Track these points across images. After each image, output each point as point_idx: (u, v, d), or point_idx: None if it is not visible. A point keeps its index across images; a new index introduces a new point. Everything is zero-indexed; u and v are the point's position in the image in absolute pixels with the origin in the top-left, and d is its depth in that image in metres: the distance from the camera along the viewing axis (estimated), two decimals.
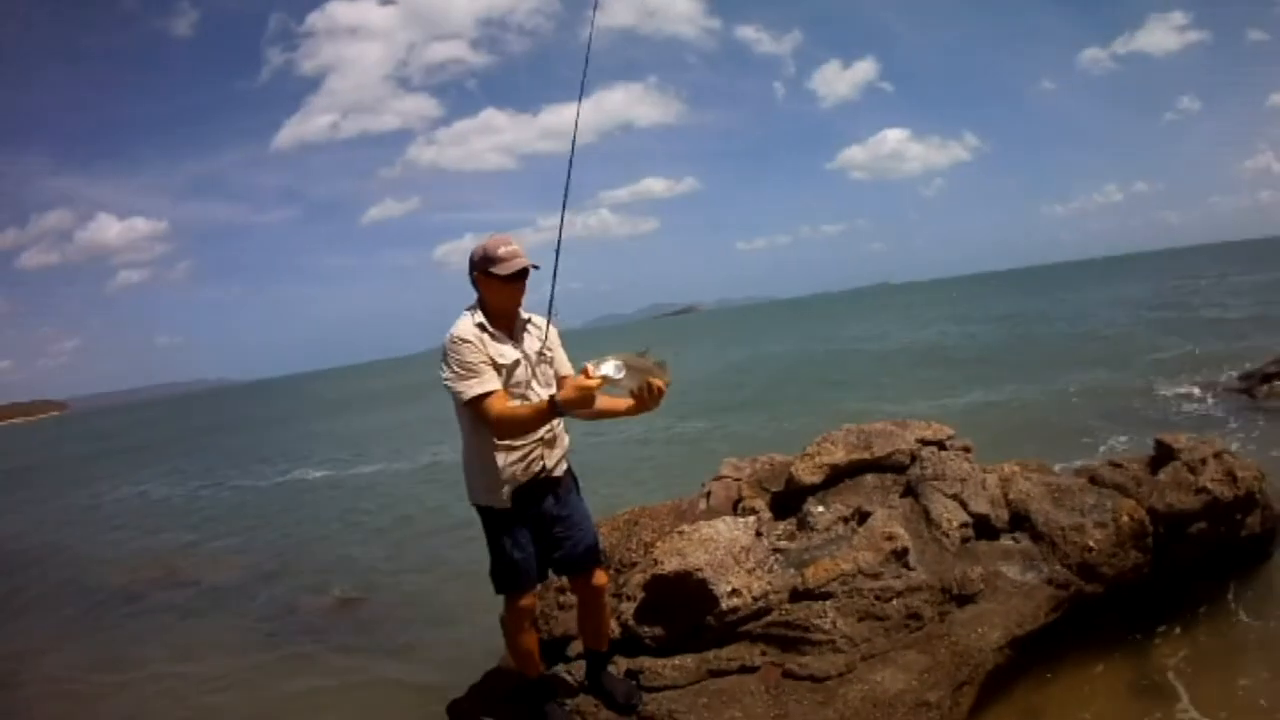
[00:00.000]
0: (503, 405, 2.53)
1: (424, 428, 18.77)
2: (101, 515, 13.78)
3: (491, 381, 2.54)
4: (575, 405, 2.39)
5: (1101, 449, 6.96)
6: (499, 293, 2.61)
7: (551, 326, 2.78)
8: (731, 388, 18.02)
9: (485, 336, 2.59)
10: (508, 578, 2.73)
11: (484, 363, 2.55)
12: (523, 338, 2.70)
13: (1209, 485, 3.62)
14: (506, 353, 2.61)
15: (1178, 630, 3.43)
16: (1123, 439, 7.29)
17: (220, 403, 77.29)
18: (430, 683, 4.44)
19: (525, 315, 2.74)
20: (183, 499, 14.40)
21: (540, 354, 2.71)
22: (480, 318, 2.62)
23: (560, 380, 2.76)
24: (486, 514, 2.73)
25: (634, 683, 3.03)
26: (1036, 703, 3.15)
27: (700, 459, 7.75)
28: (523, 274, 2.59)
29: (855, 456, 3.76)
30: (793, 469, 3.75)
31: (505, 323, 2.66)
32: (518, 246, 2.61)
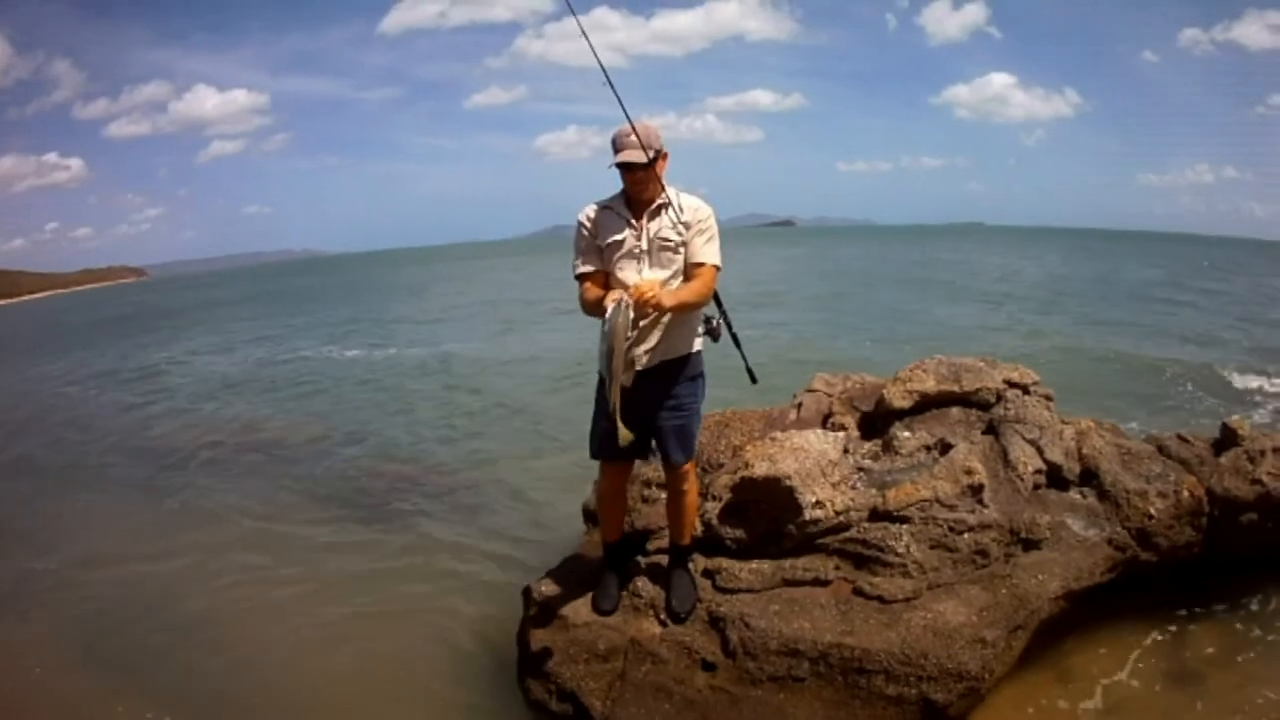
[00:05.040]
0: (583, 288, 2.70)
1: (517, 311, 18.40)
2: (170, 380, 12.84)
3: (585, 265, 2.72)
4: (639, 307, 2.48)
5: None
6: (623, 178, 2.65)
7: (696, 213, 2.71)
8: (827, 303, 17.83)
9: (601, 217, 2.70)
10: (592, 443, 2.89)
11: (586, 245, 2.71)
12: (653, 220, 2.68)
13: (1264, 478, 3.63)
14: (614, 235, 2.68)
15: (1214, 620, 3.45)
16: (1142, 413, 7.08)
17: (305, 273, 73.04)
18: (509, 562, 4.44)
19: (666, 200, 2.68)
20: (256, 365, 13.65)
21: (663, 239, 2.68)
22: (610, 200, 2.72)
23: (689, 266, 2.72)
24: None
25: (697, 598, 2.99)
26: (1072, 665, 3.19)
27: (790, 371, 7.47)
28: (624, 166, 2.58)
29: (944, 388, 3.64)
30: (884, 392, 3.61)
31: (637, 206, 2.69)
32: (632, 138, 2.57)
